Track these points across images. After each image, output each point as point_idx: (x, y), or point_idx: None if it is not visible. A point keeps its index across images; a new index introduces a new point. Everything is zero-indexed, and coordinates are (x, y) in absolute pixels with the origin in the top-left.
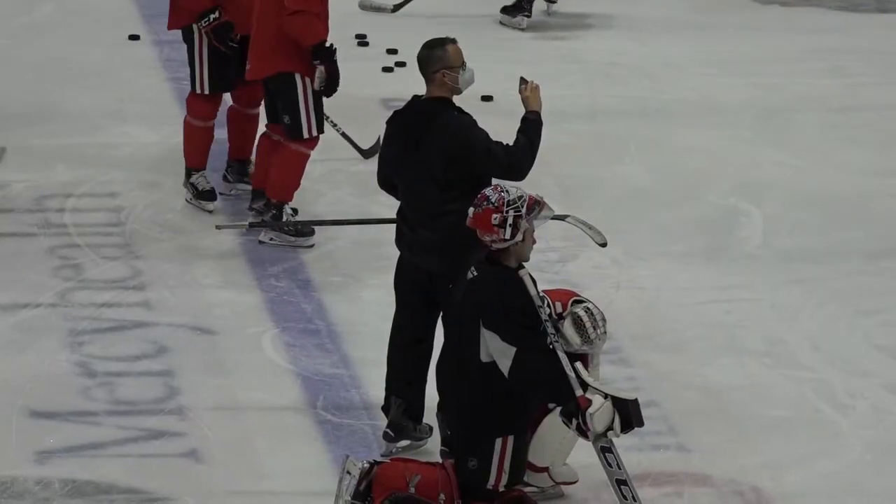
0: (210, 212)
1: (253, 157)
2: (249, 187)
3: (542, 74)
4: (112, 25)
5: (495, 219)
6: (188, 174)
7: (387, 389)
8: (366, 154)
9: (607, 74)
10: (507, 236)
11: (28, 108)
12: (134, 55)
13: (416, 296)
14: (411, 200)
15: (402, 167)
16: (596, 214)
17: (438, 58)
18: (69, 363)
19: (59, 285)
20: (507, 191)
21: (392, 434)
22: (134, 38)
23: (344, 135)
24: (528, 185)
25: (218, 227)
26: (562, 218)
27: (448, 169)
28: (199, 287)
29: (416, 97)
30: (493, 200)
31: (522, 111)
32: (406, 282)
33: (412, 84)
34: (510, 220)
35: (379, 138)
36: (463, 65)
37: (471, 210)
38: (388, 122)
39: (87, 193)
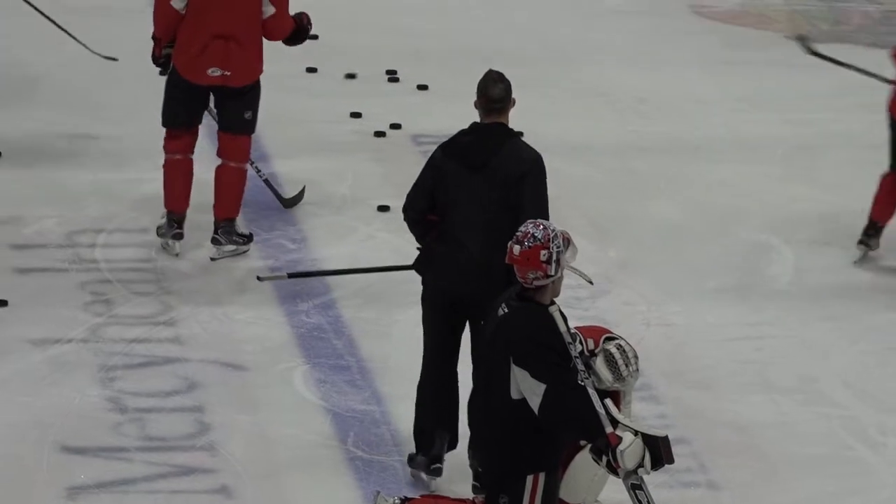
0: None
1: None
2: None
3: (572, 109)
4: (142, 61)
5: (544, 255)
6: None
7: (423, 425)
8: (286, 204)
9: (637, 110)
10: (553, 272)
11: (59, 144)
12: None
13: (446, 323)
14: (469, 220)
15: (464, 188)
16: (625, 250)
17: (510, 89)
18: (100, 399)
19: (90, 321)
20: (546, 226)
21: (441, 468)
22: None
23: (267, 182)
24: (559, 221)
25: (259, 279)
26: None
27: (514, 189)
28: (230, 323)
29: (479, 124)
30: (539, 237)
31: None
32: (440, 308)
33: (443, 120)
34: (555, 256)
35: (303, 189)
36: None
37: (516, 247)
38: (446, 147)
39: (118, 229)
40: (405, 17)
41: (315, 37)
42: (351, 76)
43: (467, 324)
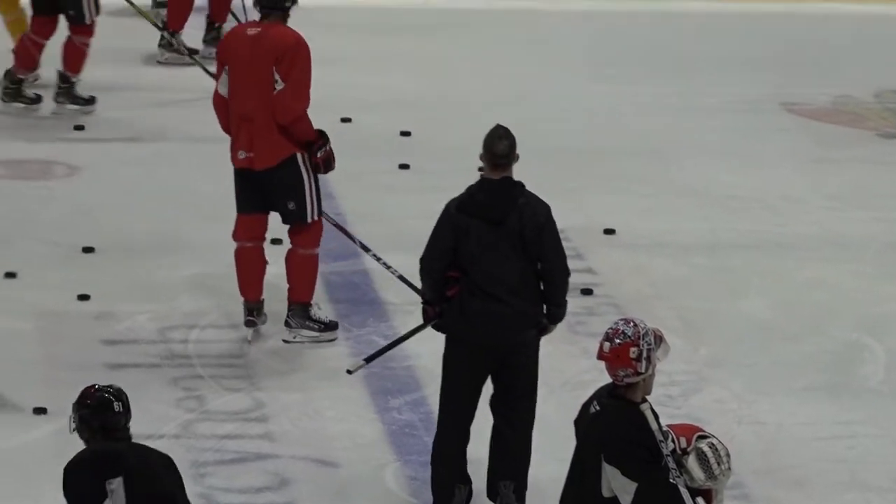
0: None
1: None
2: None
3: (663, 205)
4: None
5: (633, 352)
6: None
7: (444, 480)
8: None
9: (728, 206)
10: (643, 370)
11: (152, 239)
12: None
13: (477, 378)
14: (496, 274)
15: (486, 243)
16: (717, 348)
17: (514, 145)
18: (192, 495)
19: (182, 416)
20: (637, 324)
21: None
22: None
23: (401, 278)
24: (650, 318)
25: (349, 372)
26: None
27: (535, 239)
28: (321, 419)
29: (487, 179)
30: (629, 334)
31: None
32: (474, 363)
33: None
34: (645, 354)
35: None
36: None
37: (605, 344)
38: (462, 204)
39: (211, 325)
40: (496, 113)
41: (408, 133)
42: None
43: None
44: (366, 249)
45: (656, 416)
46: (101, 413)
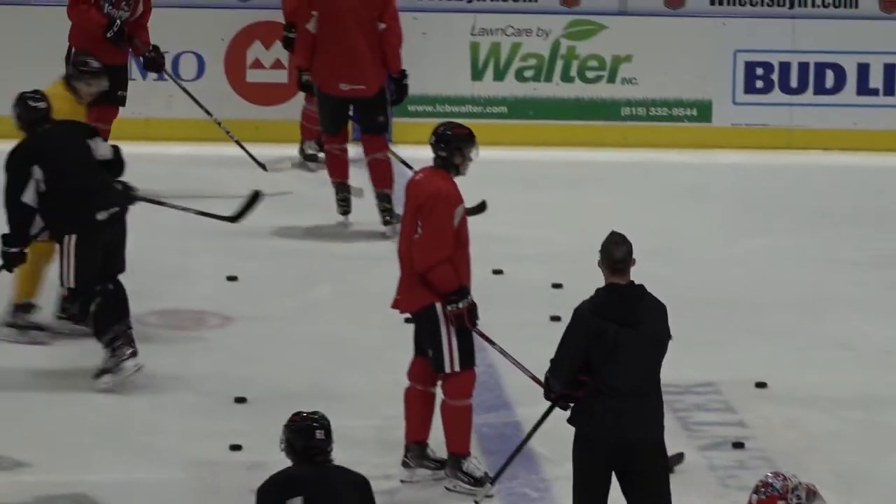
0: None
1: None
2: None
3: (815, 359)
4: (386, 307)
5: None
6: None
7: None
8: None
9: (879, 361)
10: None
11: (304, 389)
12: (408, 336)
13: (607, 475)
14: (627, 375)
15: (622, 345)
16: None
17: (631, 250)
18: None
19: None
20: (787, 477)
21: None
22: (410, 321)
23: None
24: (804, 472)
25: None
26: None
27: (665, 342)
28: None
29: (618, 285)
30: (777, 487)
31: None
32: (606, 460)
33: (686, 370)
34: None
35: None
36: None
37: (753, 496)
38: (597, 310)
39: (368, 475)
40: (648, 263)
41: (559, 285)
42: None
43: None
44: (504, 354)
45: None
46: (304, 437)
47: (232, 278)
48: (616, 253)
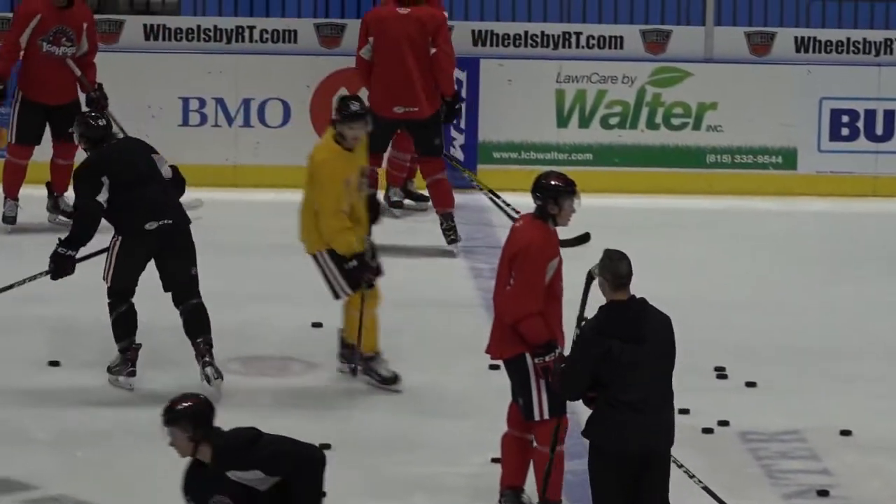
0: None
1: None
2: None
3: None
4: (471, 352)
5: None
6: None
7: None
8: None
9: None
10: None
11: (388, 436)
12: (494, 383)
13: (626, 484)
14: (637, 388)
15: (630, 361)
16: None
17: (631, 265)
18: None
19: None
20: None
21: None
22: (494, 367)
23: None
24: None
25: None
26: None
27: (672, 356)
28: None
29: (621, 302)
30: None
31: None
32: (623, 471)
33: (773, 418)
34: None
35: None
36: None
37: None
38: (603, 329)
39: None
40: (735, 313)
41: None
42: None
43: None
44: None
45: None
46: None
47: (317, 325)
48: (621, 268)
